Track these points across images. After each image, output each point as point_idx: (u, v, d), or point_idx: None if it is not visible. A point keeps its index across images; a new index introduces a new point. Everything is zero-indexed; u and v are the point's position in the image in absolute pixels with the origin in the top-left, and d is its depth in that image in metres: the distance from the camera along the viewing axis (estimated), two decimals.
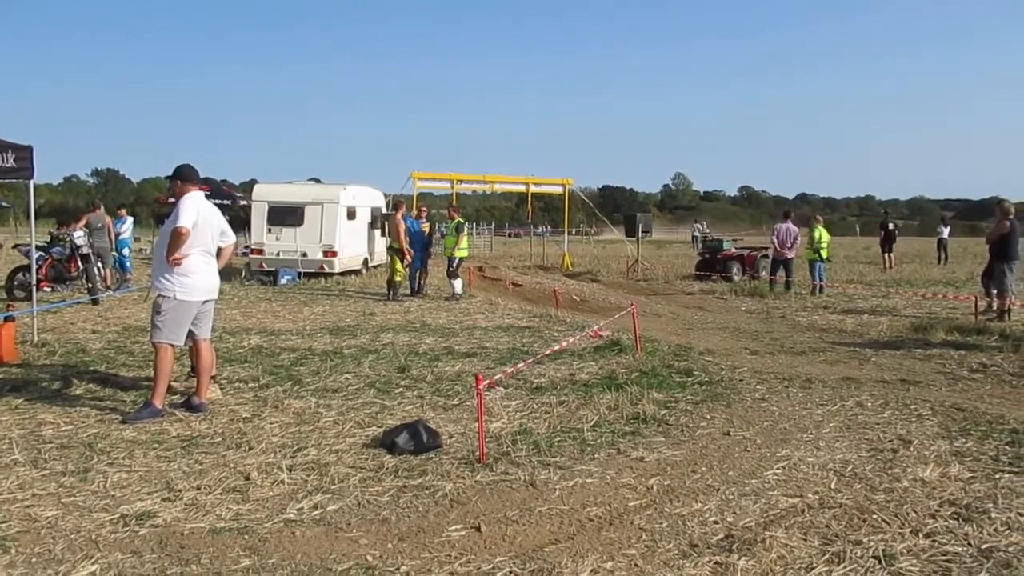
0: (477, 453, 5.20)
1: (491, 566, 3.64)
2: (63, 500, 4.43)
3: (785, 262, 17.58)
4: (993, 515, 4.20)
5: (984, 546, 3.82)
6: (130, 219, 19.10)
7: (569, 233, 30.06)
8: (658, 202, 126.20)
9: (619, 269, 25.06)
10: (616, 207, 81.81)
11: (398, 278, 15.47)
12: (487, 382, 5.97)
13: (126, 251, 18.16)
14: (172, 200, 6.76)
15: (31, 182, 9.87)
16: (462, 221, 16.36)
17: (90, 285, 14.70)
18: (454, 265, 15.80)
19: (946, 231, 29.25)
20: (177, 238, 6.17)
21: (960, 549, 3.80)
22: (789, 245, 17.45)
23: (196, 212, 6.31)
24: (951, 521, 4.14)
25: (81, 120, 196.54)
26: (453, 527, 4.11)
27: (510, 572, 3.57)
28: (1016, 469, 4.97)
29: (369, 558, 3.73)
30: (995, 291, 12.55)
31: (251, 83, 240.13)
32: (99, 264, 15.71)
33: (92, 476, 4.82)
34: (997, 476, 4.85)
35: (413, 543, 3.92)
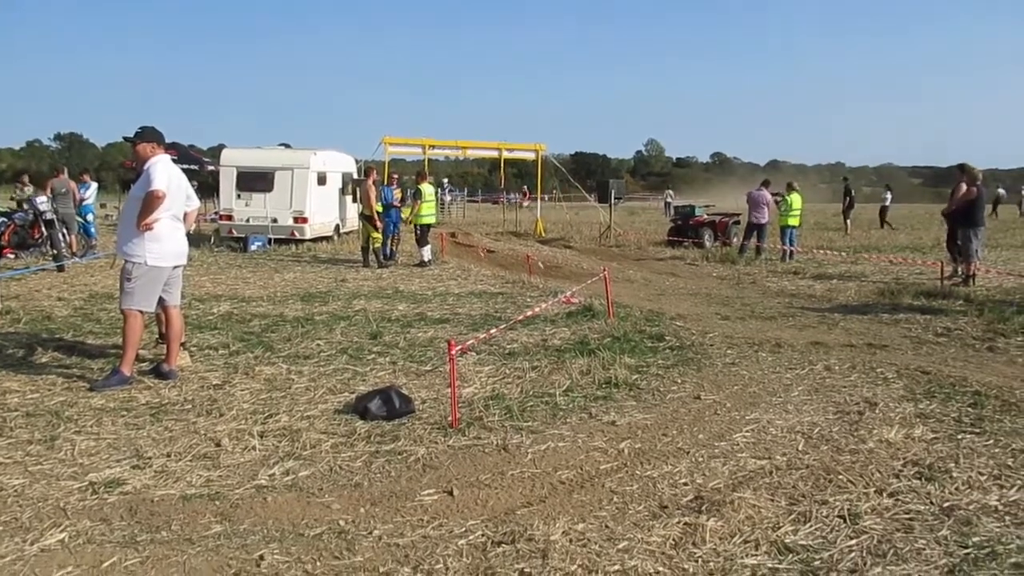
0: (449, 418, 5.21)
1: (463, 529, 3.66)
2: (30, 468, 4.37)
3: (759, 227, 17.71)
4: (955, 474, 4.30)
5: (945, 504, 3.92)
6: (94, 184, 18.73)
7: (541, 199, 29.98)
8: (631, 168, 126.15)
9: (592, 235, 25.10)
10: (589, 173, 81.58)
11: (377, 245, 15.36)
12: (459, 348, 5.97)
13: (90, 216, 17.84)
14: (133, 164, 6.61)
15: None
16: (421, 188, 16.17)
17: (55, 251, 14.43)
18: (420, 232, 15.72)
19: (889, 197, 29.74)
20: (152, 202, 6.04)
21: (923, 508, 3.89)
22: (762, 210, 17.56)
23: (167, 175, 6.19)
24: (914, 481, 4.23)
25: (43, 84, 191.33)
26: (426, 491, 4.12)
27: (482, 535, 3.60)
28: (977, 430, 5.09)
29: (341, 523, 3.74)
30: (960, 256, 12.73)
31: (219, 46, 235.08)
32: (64, 230, 15.42)
33: (59, 444, 4.76)
34: (959, 437, 4.96)
35: (385, 507, 3.93)
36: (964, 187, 12.61)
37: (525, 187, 58.80)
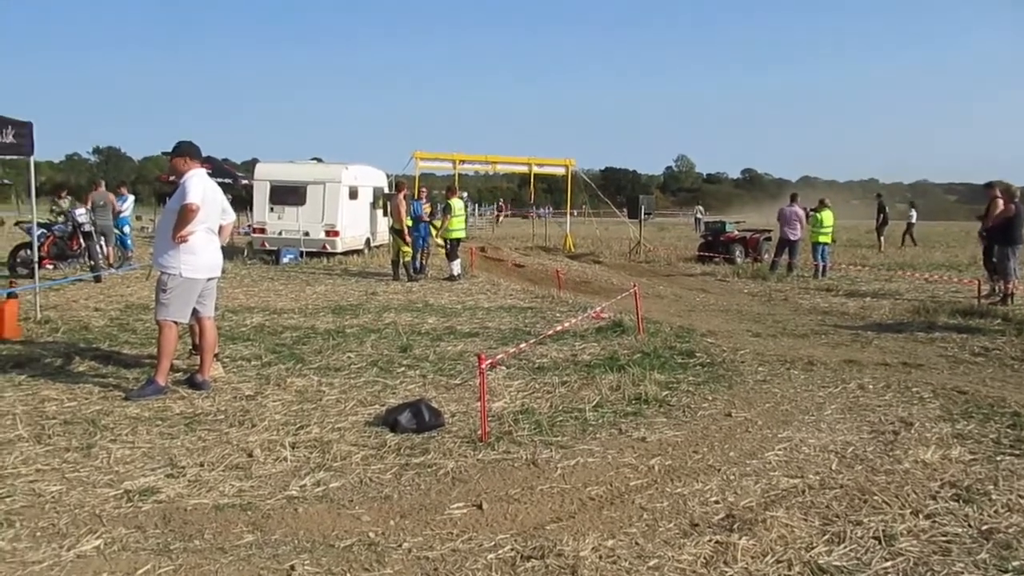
0: (479, 432, 5.21)
1: (492, 543, 3.65)
2: (67, 475, 4.45)
3: (791, 244, 17.55)
4: (994, 497, 4.21)
5: (984, 527, 3.84)
6: (131, 197, 19.10)
7: (571, 214, 29.98)
8: (661, 184, 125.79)
9: (621, 251, 25.03)
10: (619, 189, 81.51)
11: (407, 259, 15.46)
12: (489, 362, 5.97)
13: (127, 229, 18.16)
14: (172, 178, 6.74)
15: (31, 159, 9.84)
16: (451, 203, 16.26)
17: (92, 263, 14.71)
18: (450, 246, 15.79)
19: (914, 215, 29.33)
20: (187, 215, 6.15)
21: (960, 530, 3.81)
22: (795, 227, 17.40)
23: (203, 189, 6.29)
24: (952, 502, 4.15)
25: (83, 98, 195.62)
26: (455, 505, 4.12)
27: (511, 549, 3.59)
28: (1017, 451, 4.98)
29: (371, 535, 3.75)
30: (997, 275, 12.51)
31: (253, 61, 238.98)
32: (102, 242, 15.72)
33: (96, 452, 4.84)
34: (998, 458, 4.86)
35: (415, 520, 3.93)
36: (1001, 204, 12.45)
37: (501, 200, 58.53)
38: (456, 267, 15.59)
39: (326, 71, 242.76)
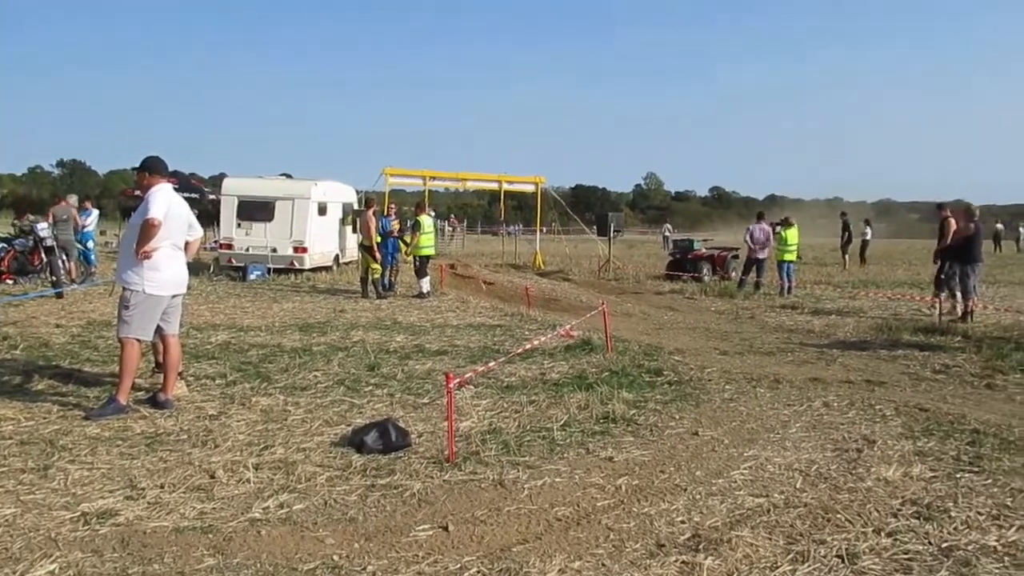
0: (446, 452, 5.18)
1: (459, 566, 3.63)
2: (22, 497, 4.34)
3: (758, 262, 17.76)
4: (953, 514, 4.28)
5: (944, 544, 3.89)
6: (95, 211, 18.83)
7: (541, 231, 30.08)
8: (630, 202, 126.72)
9: (591, 268, 25.14)
10: (588, 206, 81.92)
11: (376, 276, 15.39)
12: (457, 381, 5.95)
13: (91, 244, 17.88)
14: (138, 193, 6.66)
15: None
16: (420, 220, 16.23)
17: (54, 278, 14.44)
18: (419, 263, 15.76)
19: (869, 232, 29.60)
20: (148, 230, 6.07)
21: (921, 548, 3.86)
22: (760, 246, 17.62)
23: (167, 204, 6.21)
24: (913, 520, 4.20)
25: (46, 110, 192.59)
26: (421, 527, 4.09)
27: (478, 572, 3.56)
28: (976, 469, 5.06)
29: (335, 558, 3.70)
30: (959, 293, 12.78)
31: (221, 76, 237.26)
32: (63, 257, 15.45)
33: (53, 473, 4.73)
34: (958, 475, 4.93)
35: (380, 543, 3.89)
36: (953, 224, 12.96)
37: (452, 216, 58.34)
38: (425, 284, 15.55)
39: (295, 85, 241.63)
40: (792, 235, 17.84)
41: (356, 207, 21.67)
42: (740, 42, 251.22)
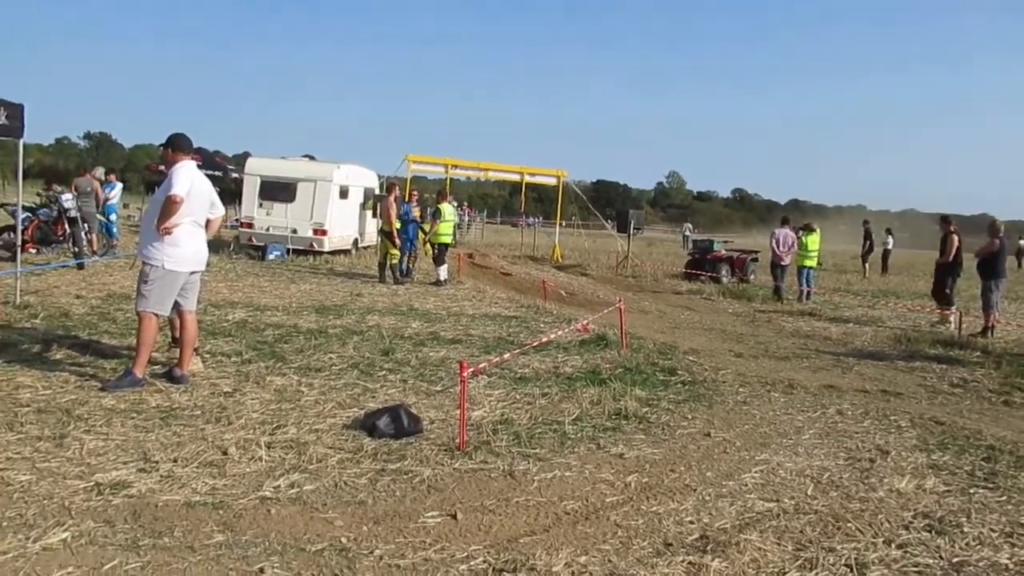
0: (457, 440, 5.19)
1: (465, 554, 3.63)
2: (37, 465, 4.39)
3: (781, 267, 17.62)
4: (966, 529, 4.24)
5: (955, 560, 3.85)
6: (119, 184, 18.94)
7: (560, 225, 30.03)
8: (651, 199, 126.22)
9: (608, 264, 25.08)
10: (609, 202, 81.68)
11: (394, 261, 15.42)
12: (471, 370, 5.95)
13: (114, 216, 18.02)
14: (163, 168, 6.70)
15: (20, 141, 9.75)
16: (441, 207, 16.23)
17: (76, 249, 14.57)
18: (437, 251, 15.77)
19: (891, 241, 29.28)
20: (170, 206, 6.10)
21: (931, 561, 3.82)
22: (786, 250, 17.48)
23: (190, 181, 6.24)
24: (924, 533, 4.17)
25: (75, 82, 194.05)
26: (429, 513, 4.10)
27: (484, 561, 3.57)
28: (991, 485, 5.01)
29: (343, 540, 3.72)
30: (982, 307, 12.72)
31: (249, 55, 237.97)
32: (86, 228, 15.58)
33: (68, 442, 4.78)
34: (972, 491, 4.88)
35: (388, 527, 3.91)
36: (956, 239, 13.45)
37: (466, 203, 58.07)
38: (443, 272, 15.56)
39: (324, 69, 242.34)
40: (813, 241, 17.70)
41: (377, 192, 21.69)
42: (768, 50, 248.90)
